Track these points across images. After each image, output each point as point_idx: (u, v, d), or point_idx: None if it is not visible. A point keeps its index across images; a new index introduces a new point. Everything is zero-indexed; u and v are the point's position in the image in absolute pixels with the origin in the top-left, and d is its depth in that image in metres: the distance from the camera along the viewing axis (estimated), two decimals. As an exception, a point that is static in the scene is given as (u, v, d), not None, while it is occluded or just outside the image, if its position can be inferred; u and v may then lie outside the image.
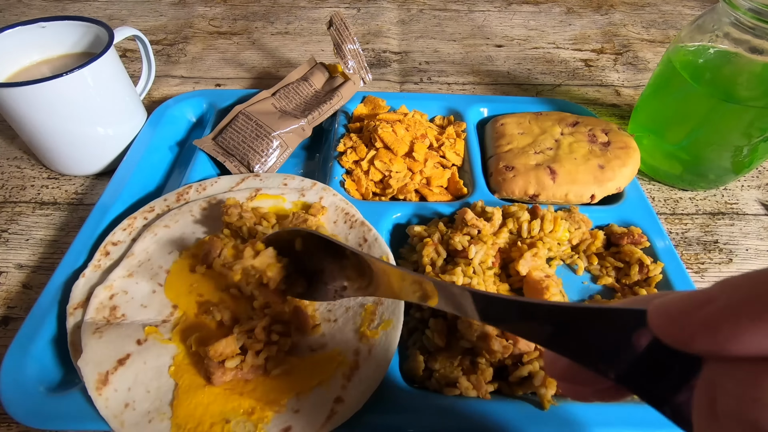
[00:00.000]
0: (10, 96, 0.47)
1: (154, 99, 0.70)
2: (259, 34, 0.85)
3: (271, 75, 0.76)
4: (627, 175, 0.51)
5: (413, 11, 0.93)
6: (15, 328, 0.43)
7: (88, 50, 0.56)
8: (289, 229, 0.37)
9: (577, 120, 0.57)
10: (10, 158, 0.60)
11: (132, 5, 0.92)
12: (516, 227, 0.45)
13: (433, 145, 0.56)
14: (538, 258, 0.43)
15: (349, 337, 0.38)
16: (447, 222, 0.48)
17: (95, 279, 0.42)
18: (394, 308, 0.39)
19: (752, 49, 0.46)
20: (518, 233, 0.46)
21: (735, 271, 0.50)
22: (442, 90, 0.74)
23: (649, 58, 0.82)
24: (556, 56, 0.82)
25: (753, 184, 0.59)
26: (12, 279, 0.47)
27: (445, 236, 0.45)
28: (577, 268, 0.47)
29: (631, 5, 0.97)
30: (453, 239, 0.43)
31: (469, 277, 0.41)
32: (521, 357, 0.37)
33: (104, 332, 0.37)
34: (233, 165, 0.53)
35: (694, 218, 0.55)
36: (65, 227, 0.52)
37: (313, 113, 0.56)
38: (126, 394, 0.34)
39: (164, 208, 0.48)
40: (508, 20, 0.91)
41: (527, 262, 0.42)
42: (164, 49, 0.81)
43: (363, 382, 0.35)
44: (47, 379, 0.37)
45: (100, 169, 0.57)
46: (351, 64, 0.60)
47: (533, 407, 0.36)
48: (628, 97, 0.73)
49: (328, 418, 0.33)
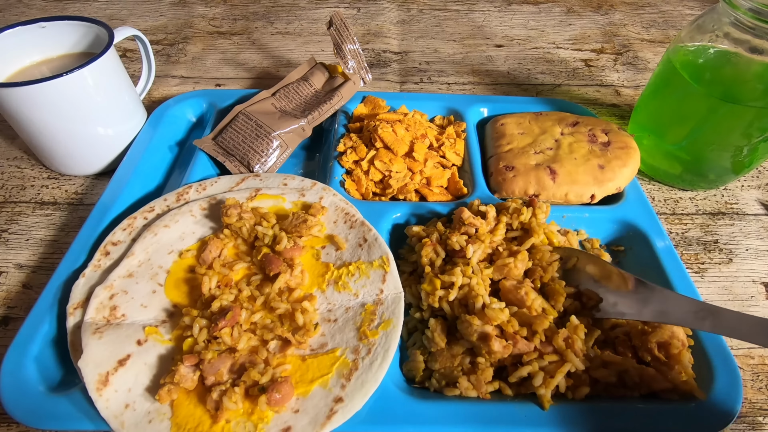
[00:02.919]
0: (10, 96, 0.47)
1: (154, 99, 0.70)
2: (259, 34, 0.85)
3: (271, 75, 0.76)
4: (627, 175, 0.51)
5: (413, 11, 0.93)
6: (15, 328, 0.43)
7: (88, 50, 0.56)
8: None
9: (577, 120, 0.57)
10: (10, 158, 0.60)
11: (132, 5, 0.92)
12: (511, 219, 0.45)
13: (433, 145, 0.56)
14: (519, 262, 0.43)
15: (349, 337, 0.38)
16: (445, 222, 0.48)
17: (95, 279, 0.42)
18: (394, 308, 0.39)
19: (752, 49, 0.46)
20: (510, 227, 0.46)
21: (735, 271, 0.50)
22: (442, 90, 0.74)
23: (649, 58, 0.82)
24: (556, 56, 0.82)
25: (753, 184, 0.59)
26: (12, 279, 0.47)
27: (444, 236, 0.45)
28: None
29: (631, 5, 0.97)
30: (451, 239, 0.43)
31: (468, 277, 0.41)
32: (521, 357, 0.37)
33: (104, 332, 0.37)
34: (233, 165, 0.53)
35: (694, 218, 0.55)
36: (65, 227, 0.52)
37: (313, 113, 0.56)
38: (126, 394, 0.34)
39: (164, 208, 0.48)
40: (508, 20, 0.91)
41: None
42: (164, 49, 0.81)
43: (363, 382, 0.35)
44: (47, 379, 0.37)
45: (100, 169, 0.57)
46: (351, 64, 0.60)
47: (533, 407, 0.36)
48: (628, 97, 0.73)
49: (328, 418, 0.33)
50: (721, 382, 0.37)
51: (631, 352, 0.39)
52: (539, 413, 0.35)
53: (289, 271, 0.41)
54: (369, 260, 0.43)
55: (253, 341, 0.37)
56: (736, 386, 0.36)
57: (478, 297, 0.39)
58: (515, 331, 0.38)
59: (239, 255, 0.44)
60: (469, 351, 0.38)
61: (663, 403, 0.36)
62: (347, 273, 0.42)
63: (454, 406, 0.36)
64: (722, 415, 0.35)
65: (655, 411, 0.36)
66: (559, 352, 0.37)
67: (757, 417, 0.39)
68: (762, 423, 0.39)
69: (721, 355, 0.38)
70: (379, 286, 0.41)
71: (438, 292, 0.40)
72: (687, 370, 0.37)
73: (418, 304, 0.42)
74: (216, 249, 0.43)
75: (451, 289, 0.40)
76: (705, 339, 0.39)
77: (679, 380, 0.37)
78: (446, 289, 0.40)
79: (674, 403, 0.36)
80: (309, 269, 0.43)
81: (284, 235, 0.43)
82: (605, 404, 0.36)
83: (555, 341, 0.37)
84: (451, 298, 0.40)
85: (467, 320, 0.37)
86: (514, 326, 0.38)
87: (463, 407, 0.35)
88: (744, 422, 0.39)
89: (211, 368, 0.35)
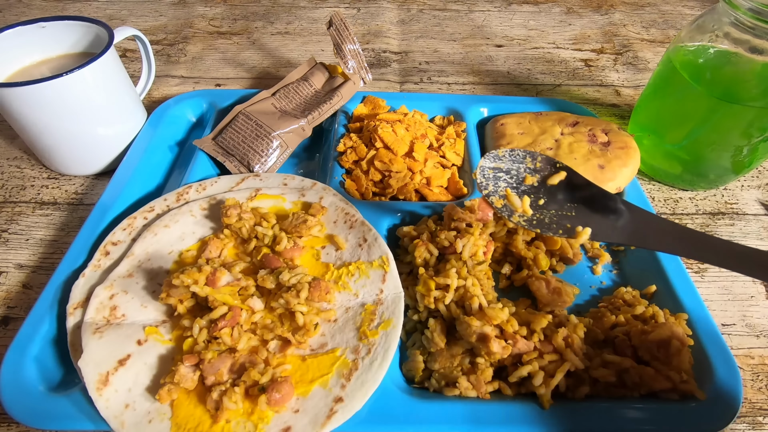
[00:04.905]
0: (10, 96, 0.47)
1: (154, 99, 0.70)
2: (259, 34, 0.85)
3: (271, 75, 0.76)
4: (627, 175, 0.51)
5: (413, 11, 0.93)
6: (15, 328, 0.43)
7: (88, 50, 0.56)
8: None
9: (577, 120, 0.57)
10: (10, 158, 0.60)
11: (132, 5, 0.92)
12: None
13: (433, 145, 0.56)
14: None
15: (349, 337, 0.38)
16: (436, 220, 0.48)
17: (95, 279, 0.42)
18: (394, 308, 0.39)
19: (752, 49, 0.46)
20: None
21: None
22: (442, 90, 0.74)
23: (649, 58, 0.82)
24: (556, 56, 0.82)
25: (753, 184, 0.59)
26: (12, 279, 0.47)
27: (434, 234, 0.45)
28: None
29: (631, 5, 0.97)
30: (439, 236, 0.43)
31: (463, 278, 0.40)
32: (521, 357, 0.37)
33: (104, 332, 0.37)
34: (233, 165, 0.53)
35: (694, 218, 0.55)
36: (65, 227, 0.52)
37: (313, 113, 0.56)
38: (126, 394, 0.34)
39: (164, 208, 0.48)
40: (508, 20, 0.91)
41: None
42: (164, 49, 0.81)
43: (363, 382, 0.35)
44: (47, 379, 0.37)
45: (100, 169, 0.57)
46: (351, 64, 0.60)
47: (533, 407, 0.36)
48: (628, 97, 0.73)
49: (328, 417, 0.33)
50: (721, 382, 0.37)
51: (631, 351, 0.39)
52: (539, 413, 0.35)
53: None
54: (369, 260, 0.43)
55: (253, 341, 0.37)
56: (736, 386, 0.36)
57: (474, 298, 0.39)
58: (515, 330, 0.38)
59: (239, 255, 0.44)
60: (468, 351, 0.38)
61: (663, 403, 0.36)
62: (347, 273, 0.42)
63: (454, 406, 0.36)
64: (722, 415, 0.35)
65: (655, 411, 0.36)
66: (559, 351, 0.37)
67: (757, 417, 0.39)
68: (762, 423, 0.39)
69: (721, 355, 0.38)
70: (379, 286, 0.41)
71: (433, 293, 0.40)
72: (687, 370, 0.37)
73: (415, 306, 0.42)
74: (216, 249, 0.43)
75: (446, 292, 0.40)
76: (705, 339, 0.39)
77: (678, 380, 0.37)
78: (442, 290, 0.40)
79: (674, 403, 0.36)
80: (309, 269, 0.43)
81: (284, 236, 0.43)
82: (605, 404, 0.36)
83: (554, 340, 0.37)
84: (447, 302, 0.40)
85: (466, 321, 0.37)
86: (513, 326, 0.38)
87: (463, 407, 0.35)
88: (744, 422, 0.39)
89: (211, 368, 0.35)
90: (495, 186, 0.44)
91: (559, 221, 0.42)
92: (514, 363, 0.38)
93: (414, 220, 0.50)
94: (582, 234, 0.39)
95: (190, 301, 0.39)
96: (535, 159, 0.45)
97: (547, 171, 0.44)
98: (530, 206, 0.42)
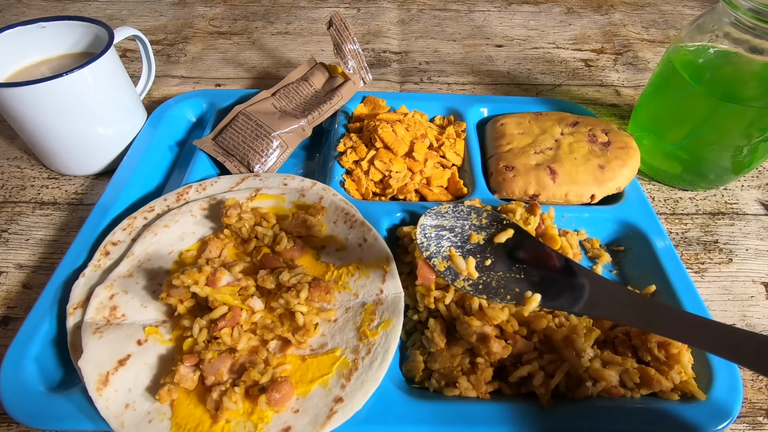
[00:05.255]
0: (10, 96, 0.47)
1: (154, 99, 0.70)
2: (259, 34, 0.85)
3: (271, 75, 0.76)
4: (627, 175, 0.51)
5: (413, 11, 0.93)
6: (15, 328, 0.43)
7: (88, 50, 0.56)
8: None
9: (577, 120, 0.57)
10: (10, 158, 0.60)
11: (132, 5, 0.92)
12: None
13: (433, 145, 0.56)
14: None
15: (349, 337, 0.38)
16: None
17: (95, 279, 0.42)
18: (394, 308, 0.39)
19: (752, 49, 0.46)
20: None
21: (735, 271, 0.50)
22: (442, 90, 0.74)
23: (649, 58, 0.82)
24: (556, 56, 0.82)
25: (753, 184, 0.59)
26: (12, 279, 0.47)
27: None
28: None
29: (631, 5, 0.97)
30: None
31: None
32: (521, 357, 0.37)
33: (104, 332, 0.37)
34: (233, 165, 0.53)
35: (694, 218, 0.55)
36: (65, 227, 0.52)
37: (313, 113, 0.56)
38: (126, 394, 0.34)
39: (164, 208, 0.48)
40: (508, 20, 0.91)
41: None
42: (164, 49, 0.81)
43: (363, 382, 0.35)
44: (47, 379, 0.37)
45: (100, 169, 0.57)
46: (351, 64, 0.60)
47: (533, 407, 0.36)
48: (628, 97, 0.73)
49: (328, 417, 0.33)
50: (721, 382, 0.37)
51: (631, 352, 0.39)
52: (539, 413, 0.35)
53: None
54: (369, 260, 0.43)
55: (253, 341, 0.37)
56: (736, 386, 0.36)
57: (474, 298, 0.39)
58: (515, 330, 0.38)
59: (239, 255, 0.44)
60: (468, 351, 0.38)
61: (663, 403, 0.36)
62: (347, 273, 0.42)
63: (454, 406, 0.36)
64: (722, 415, 0.35)
65: (655, 411, 0.36)
66: (559, 351, 0.37)
67: (757, 417, 0.39)
68: (762, 423, 0.39)
69: (721, 355, 0.38)
70: (379, 286, 0.41)
71: (433, 293, 0.40)
72: (687, 370, 0.37)
73: (415, 306, 0.42)
74: (216, 249, 0.43)
75: (446, 292, 0.40)
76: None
77: (679, 380, 0.37)
78: (442, 290, 0.40)
79: (674, 403, 0.36)
80: (309, 269, 0.43)
81: (284, 236, 0.43)
82: (605, 404, 0.36)
83: (554, 340, 0.37)
84: (447, 302, 0.40)
85: (466, 321, 0.37)
86: (513, 326, 0.38)
87: (463, 407, 0.35)
88: (744, 422, 0.39)
89: (211, 368, 0.35)
90: (438, 246, 0.40)
91: (507, 285, 0.38)
92: (514, 363, 0.38)
93: (414, 220, 0.50)
94: (531, 301, 0.36)
95: (190, 301, 0.39)
96: (480, 215, 0.42)
97: (493, 228, 0.41)
98: (476, 268, 0.38)
